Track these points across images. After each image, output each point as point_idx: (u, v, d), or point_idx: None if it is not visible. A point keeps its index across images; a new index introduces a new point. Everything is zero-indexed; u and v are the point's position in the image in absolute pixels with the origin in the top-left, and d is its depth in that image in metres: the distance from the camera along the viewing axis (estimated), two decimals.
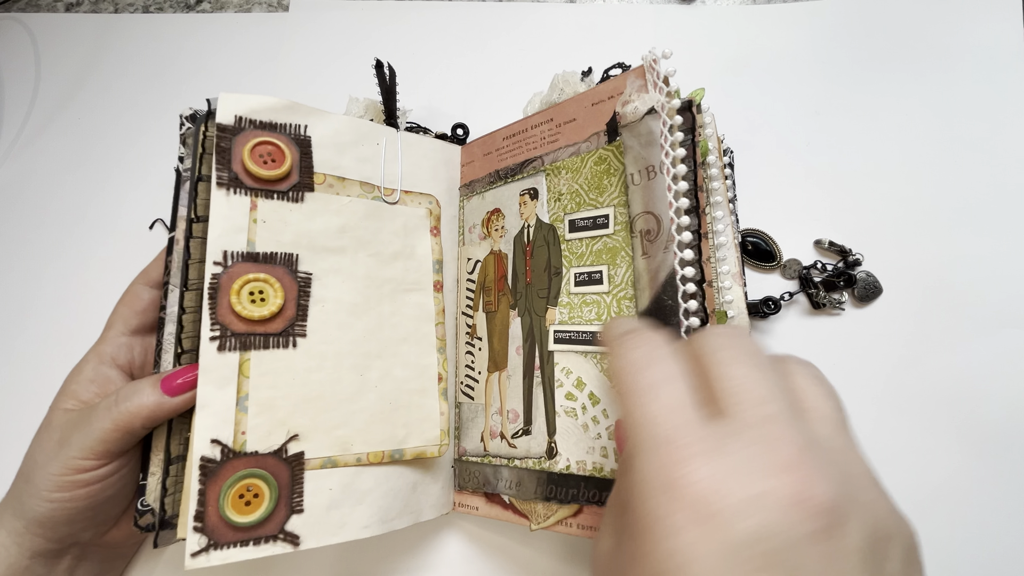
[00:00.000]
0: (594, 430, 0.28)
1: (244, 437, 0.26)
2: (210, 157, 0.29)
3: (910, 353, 0.37)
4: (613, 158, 0.29)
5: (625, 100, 0.28)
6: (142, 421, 0.26)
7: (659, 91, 0.27)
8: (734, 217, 0.35)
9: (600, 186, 0.30)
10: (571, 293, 0.30)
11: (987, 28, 0.42)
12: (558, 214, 0.32)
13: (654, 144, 0.27)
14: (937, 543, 0.34)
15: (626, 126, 0.29)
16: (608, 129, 0.29)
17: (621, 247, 0.28)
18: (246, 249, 0.28)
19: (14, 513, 0.27)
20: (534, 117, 0.34)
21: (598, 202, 0.30)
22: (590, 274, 0.30)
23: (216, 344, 0.26)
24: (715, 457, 0.16)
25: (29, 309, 0.40)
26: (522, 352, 0.32)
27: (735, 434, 0.16)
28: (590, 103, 0.30)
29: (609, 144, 0.29)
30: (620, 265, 0.28)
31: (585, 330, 0.29)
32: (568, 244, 0.31)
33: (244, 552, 0.25)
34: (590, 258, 0.30)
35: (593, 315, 0.29)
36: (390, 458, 0.29)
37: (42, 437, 0.28)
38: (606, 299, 0.29)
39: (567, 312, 0.30)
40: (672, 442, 0.16)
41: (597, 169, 0.30)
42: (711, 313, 0.26)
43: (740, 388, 0.17)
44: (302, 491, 0.26)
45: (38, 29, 0.48)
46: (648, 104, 0.27)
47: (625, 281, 0.28)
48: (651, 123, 0.27)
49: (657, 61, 0.27)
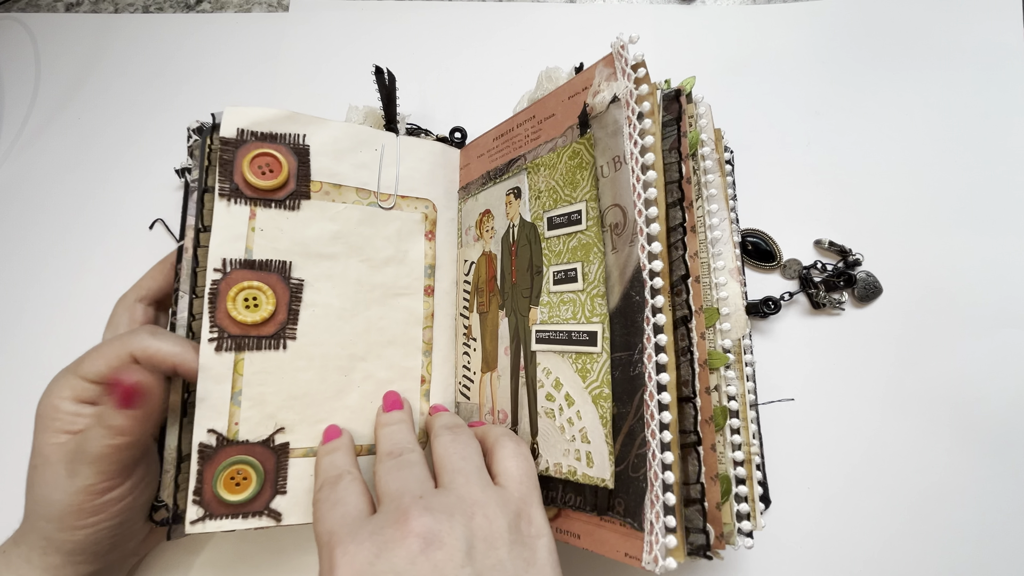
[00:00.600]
0: (569, 431, 0.27)
1: (237, 427, 0.29)
2: (215, 169, 0.31)
3: (910, 353, 0.36)
4: (585, 151, 0.28)
5: (595, 90, 0.27)
6: (136, 436, 0.26)
7: (627, 78, 0.26)
8: (734, 214, 0.35)
9: (573, 181, 0.29)
10: (550, 292, 0.29)
11: (987, 28, 0.42)
12: (538, 212, 0.31)
13: (620, 133, 0.26)
14: (937, 543, 0.34)
15: (595, 117, 0.27)
16: (580, 122, 0.28)
17: (593, 243, 0.27)
18: (244, 256, 0.30)
19: (44, 551, 0.27)
20: (519, 115, 0.33)
21: (572, 198, 0.29)
22: (566, 272, 0.29)
23: (214, 345, 0.29)
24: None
25: (29, 309, 0.40)
26: (509, 352, 0.32)
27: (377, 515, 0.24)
28: (567, 96, 0.29)
29: (581, 137, 0.28)
30: (592, 262, 0.27)
31: (562, 329, 0.29)
32: (547, 242, 0.30)
33: (234, 523, 0.28)
34: (566, 255, 0.29)
35: (569, 314, 0.28)
36: (368, 451, 0.32)
37: (45, 475, 0.27)
38: (580, 297, 0.28)
39: (547, 311, 0.30)
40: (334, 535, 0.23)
41: (571, 164, 0.29)
42: (698, 310, 0.25)
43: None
44: (286, 476, 0.29)
45: (38, 29, 0.48)
46: (612, 92, 0.26)
47: (598, 278, 0.27)
48: (615, 112, 0.26)
49: (625, 47, 0.26)
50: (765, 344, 0.37)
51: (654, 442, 0.23)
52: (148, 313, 0.32)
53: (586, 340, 0.27)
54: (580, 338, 0.27)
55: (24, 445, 0.29)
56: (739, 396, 0.27)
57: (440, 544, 0.21)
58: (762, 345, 0.37)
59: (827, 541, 0.34)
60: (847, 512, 0.34)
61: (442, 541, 0.21)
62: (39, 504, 0.27)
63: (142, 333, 0.28)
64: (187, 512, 0.27)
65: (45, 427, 0.27)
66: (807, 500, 0.35)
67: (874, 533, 0.34)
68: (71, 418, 0.27)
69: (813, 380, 0.37)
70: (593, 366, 0.26)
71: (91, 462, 0.26)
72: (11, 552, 0.27)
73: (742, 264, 0.36)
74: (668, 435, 0.23)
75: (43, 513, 0.27)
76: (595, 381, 0.26)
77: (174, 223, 0.41)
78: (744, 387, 0.28)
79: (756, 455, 0.30)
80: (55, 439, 0.27)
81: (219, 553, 0.35)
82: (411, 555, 0.21)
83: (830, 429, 0.36)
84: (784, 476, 0.35)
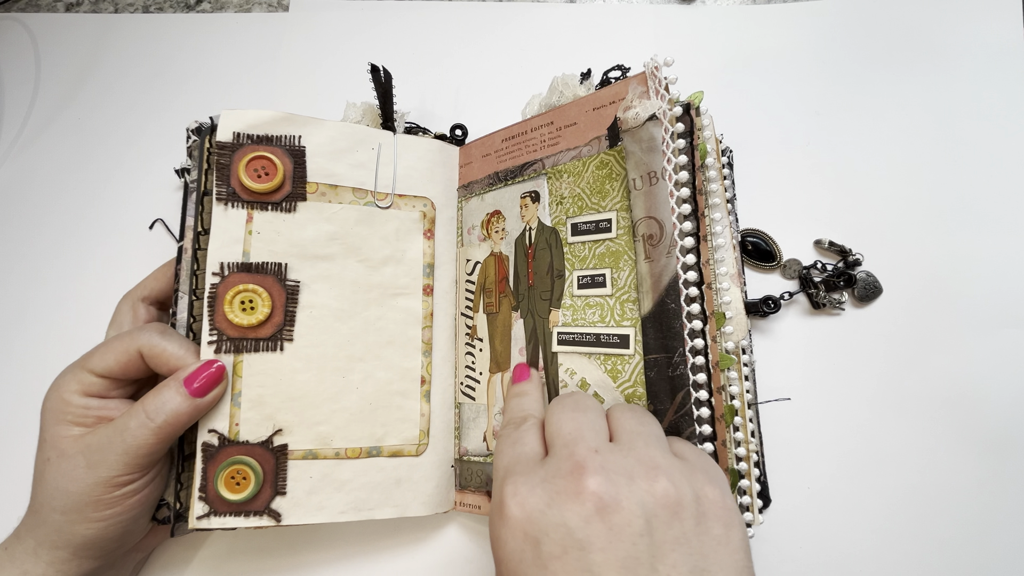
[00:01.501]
0: None
1: (238, 428, 0.29)
2: (213, 172, 0.31)
3: (910, 353, 0.37)
4: (615, 163, 0.29)
5: (627, 106, 0.29)
6: (181, 428, 0.28)
7: (660, 98, 0.28)
8: (733, 217, 0.35)
9: (602, 190, 0.30)
10: (574, 295, 0.31)
11: (987, 28, 0.42)
12: (560, 217, 0.32)
13: (656, 150, 0.27)
14: (937, 543, 0.34)
15: (627, 131, 0.29)
16: (610, 134, 0.30)
17: (624, 251, 0.29)
18: (241, 260, 0.30)
19: (53, 545, 0.27)
20: (534, 120, 0.34)
21: (600, 206, 0.30)
22: (593, 277, 0.30)
23: (213, 347, 0.29)
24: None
25: (29, 309, 0.40)
26: (525, 353, 0.32)
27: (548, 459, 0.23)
28: (591, 107, 0.31)
29: (611, 149, 0.30)
30: (623, 268, 0.29)
31: (589, 332, 0.30)
32: (571, 247, 0.31)
33: (237, 521, 0.29)
34: (593, 261, 0.30)
35: (596, 317, 0.29)
36: (367, 454, 0.32)
37: (61, 467, 0.27)
38: (609, 302, 0.29)
39: (571, 314, 0.30)
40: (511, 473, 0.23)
41: (599, 173, 0.30)
42: (710, 315, 0.26)
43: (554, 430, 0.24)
44: (286, 476, 0.30)
45: (38, 29, 0.48)
46: (650, 110, 0.28)
47: (628, 284, 0.28)
48: (652, 129, 0.28)
49: (659, 68, 0.27)
50: (765, 344, 0.37)
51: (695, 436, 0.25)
52: (151, 312, 0.33)
53: (617, 343, 0.28)
54: (610, 341, 0.29)
55: (25, 443, 0.29)
56: (738, 395, 0.28)
57: (617, 508, 0.20)
58: (762, 345, 0.37)
59: (826, 540, 0.34)
60: (847, 512, 0.34)
61: (619, 504, 0.20)
62: (53, 497, 0.27)
63: (151, 331, 0.29)
64: (193, 508, 0.28)
65: (56, 420, 0.28)
66: (807, 500, 0.35)
67: (874, 533, 0.34)
68: (81, 411, 0.28)
69: (813, 380, 0.37)
70: (624, 367, 0.28)
71: (123, 453, 0.27)
72: (14, 547, 0.28)
73: (742, 267, 0.37)
74: (707, 428, 0.25)
75: (57, 506, 0.27)
76: (627, 381, 0.28)
77: (174, 223, 0.41)
78: (743, 387, 0.29)
79: (755, 452, 0.31)
80: (68, 431, 0.28)
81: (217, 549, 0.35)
82: (585, 514, 0.20)
83: (830, 429, 0.36)
84: (784, 476, 0.35)
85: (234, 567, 0.35)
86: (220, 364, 0.29)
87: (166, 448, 0.28)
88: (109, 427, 0.27)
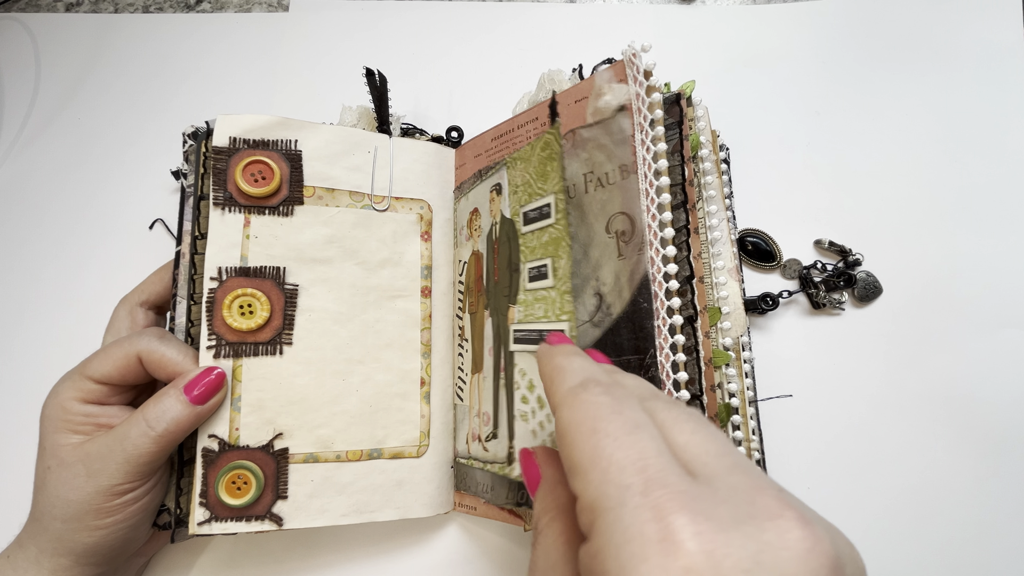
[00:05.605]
0: (541, 436, 0.27)
1: (238, 433, 0.29)
2: (209, 177, 0.31)
3: (910, 353, 0.36)
4: (554, 141, 0.27)
5: (599, 93, 0.27)
6: (182, 436, 0.28)
7: (639, 85, 0.26)
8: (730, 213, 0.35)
9: (544, 172, 0.28)
10: (526, 290, 0.29)
11: (987, 28, 0.42)
12: (516, 207, 0.30)
13: (626, 142, 0.25)
14: (937, 543, 0.34)
15: (600, 123, 0.27)
16: (550, 111, 0.28)
17: (562, 237, 0.27)
18: (239, 264, 0.30)
19: (55, 552, 0.27)
20: (520, 116, 0.32)
21: (543, 190, 0.28)
22: (539, 268, 0.28)
23: (212, 352, 0.29)
24: (702, 510, 0.14)
25: (29, 309, 0.40)
26: (492, 353, 0.31)
27: (708, 487, 0.15)
28: (573, 100, 0.29)
29: (552, 127, 0.28)
30: (561, 257, 0.27)
31: (535, 328, 0.28)
32: (524, 238, 0.29)
33: (238, 526, 0.29)
34: (539, 251, 0.28)
35: (542, 312, 0.27)
36: (368, 456, 0.32)
37: (62, 475, 0.27)
38: (552, 294, 0.27)
39: (523, 310, 0.29)
40: (663, 487, 0.14)
41: (542, 155, 0.29)
42: (702, 311, 0.25)
43: (692, 443, 0.16)
44: (287, 480, 0.30)
45: (38, 29, 0.48)
46: (619, 99, 0.26)
47: (565, 274, 0.26)
48: (621, 120, 0.26)
49: (637, 55, 0.26)
50: (766, 344, 0.37)
51: None
52: (149, 317, 0.33)
53: None
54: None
55: (24, 446, 0.29)
56: (739, 393, 0.28)
57: (841, 569, 0.14)
58: (763, 345, 0.37)
59: None
60: (847, 512, 0.34)
61: (843, 566, 0.14)
62: (54, 505, 0.27)
63: (150, 336, 0.29)
64: (194, 514, 0.28)
65: (56, 428, 0.28)
66: (807, 500, 0.35)
67: (873, 532, 0.34)
68: (81, 418, 0.28)
69: (813, 380, 0.37)
70: None
71: (124, 461, 0.26)
72: (16, 555, 0.28)
73: (740, 263, 0.37)
74: None
75: (58, 514, 0.27)
76: None
77: (174, 223, 0.41)
78: (743, 384, 0.29)
79: (756, 451, 0.30)
80: (68, 440, 0.27)
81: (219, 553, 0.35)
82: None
83: (830, 429, 0.36)
84: (784, 476, 0.35)
85: (236, 571, 0.35)
86: (220, 371, 0.29)
87: (167, 456, 0.28)
88: (109, 435, 0.27)
